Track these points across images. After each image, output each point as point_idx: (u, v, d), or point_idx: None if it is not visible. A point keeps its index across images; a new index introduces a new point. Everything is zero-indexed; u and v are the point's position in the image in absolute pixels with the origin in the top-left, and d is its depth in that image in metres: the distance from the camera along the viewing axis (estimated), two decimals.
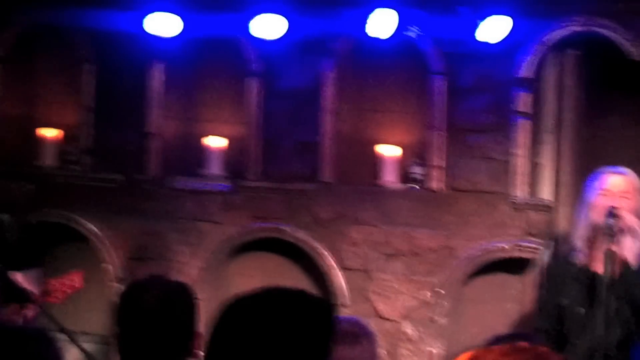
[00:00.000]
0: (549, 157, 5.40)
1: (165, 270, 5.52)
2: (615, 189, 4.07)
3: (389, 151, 5.55)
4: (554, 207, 5.29)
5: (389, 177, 5.52)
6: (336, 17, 5.43)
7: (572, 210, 4.77)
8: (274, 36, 5.37)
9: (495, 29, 5.09)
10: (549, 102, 5.40)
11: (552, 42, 5.24)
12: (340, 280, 5.52)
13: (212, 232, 5.76)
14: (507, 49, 5.18)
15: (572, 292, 4.10)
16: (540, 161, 5.40)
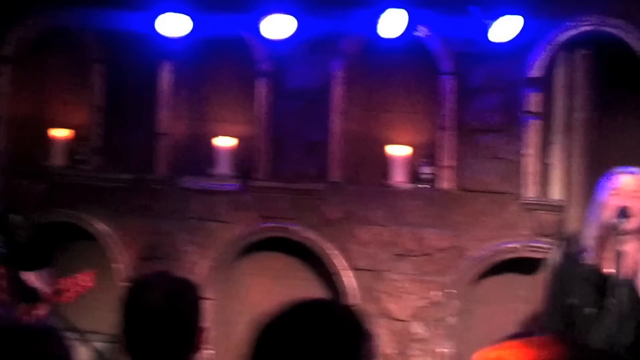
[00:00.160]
0: (559, 157, 5.39)
1: (172, 268, 5.52)
2: (627, 188, 4.05)
3: (399, 151, 5.54)
4: (564, 207, 5.28)
5: (399, 177, 5.52)
6: (345, 17, 5.43)
7: (583, 210, 4.75)
8: (284, 36, 5.37)
9: (505, 28, 5.08)
10: (560, 102, 5.38)
11: (562, 41, 5.23)
12: (350, 280, 5.51)
13: (221, 231, 5.76)
14: (517, 49, 5.17)
15: (583, 293, 4.07)
16: (550, 161, 5.38)
